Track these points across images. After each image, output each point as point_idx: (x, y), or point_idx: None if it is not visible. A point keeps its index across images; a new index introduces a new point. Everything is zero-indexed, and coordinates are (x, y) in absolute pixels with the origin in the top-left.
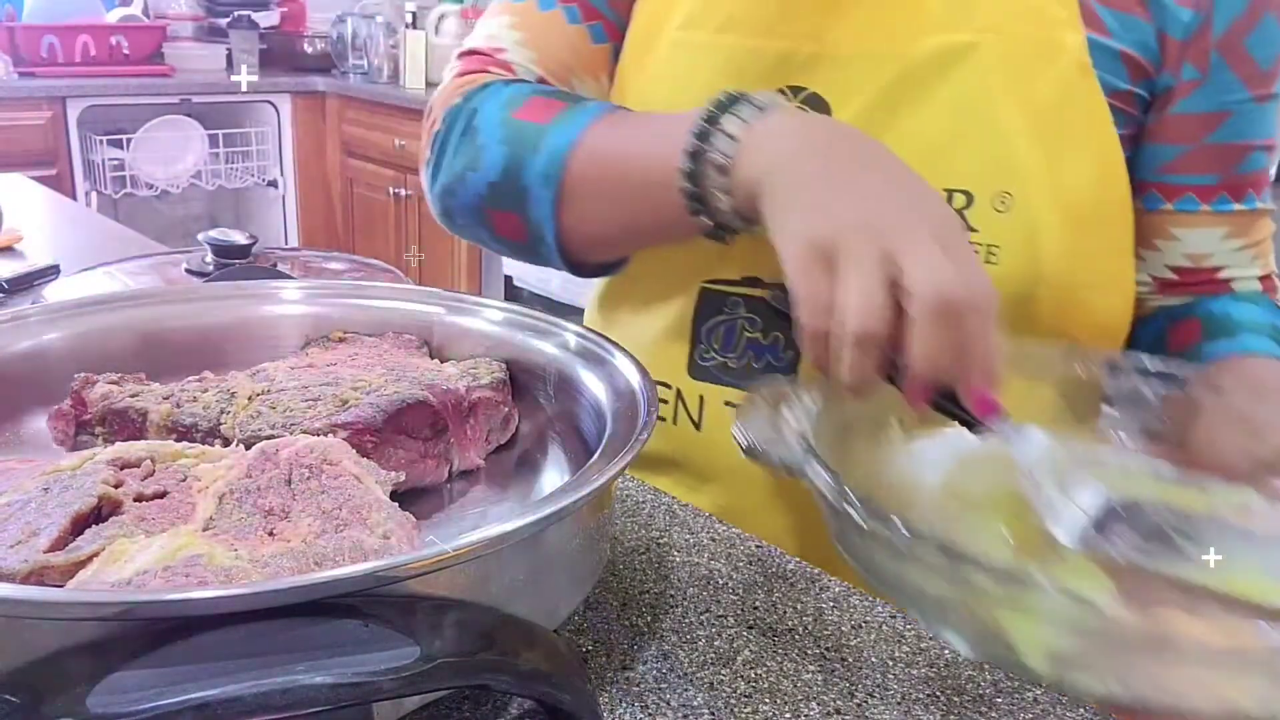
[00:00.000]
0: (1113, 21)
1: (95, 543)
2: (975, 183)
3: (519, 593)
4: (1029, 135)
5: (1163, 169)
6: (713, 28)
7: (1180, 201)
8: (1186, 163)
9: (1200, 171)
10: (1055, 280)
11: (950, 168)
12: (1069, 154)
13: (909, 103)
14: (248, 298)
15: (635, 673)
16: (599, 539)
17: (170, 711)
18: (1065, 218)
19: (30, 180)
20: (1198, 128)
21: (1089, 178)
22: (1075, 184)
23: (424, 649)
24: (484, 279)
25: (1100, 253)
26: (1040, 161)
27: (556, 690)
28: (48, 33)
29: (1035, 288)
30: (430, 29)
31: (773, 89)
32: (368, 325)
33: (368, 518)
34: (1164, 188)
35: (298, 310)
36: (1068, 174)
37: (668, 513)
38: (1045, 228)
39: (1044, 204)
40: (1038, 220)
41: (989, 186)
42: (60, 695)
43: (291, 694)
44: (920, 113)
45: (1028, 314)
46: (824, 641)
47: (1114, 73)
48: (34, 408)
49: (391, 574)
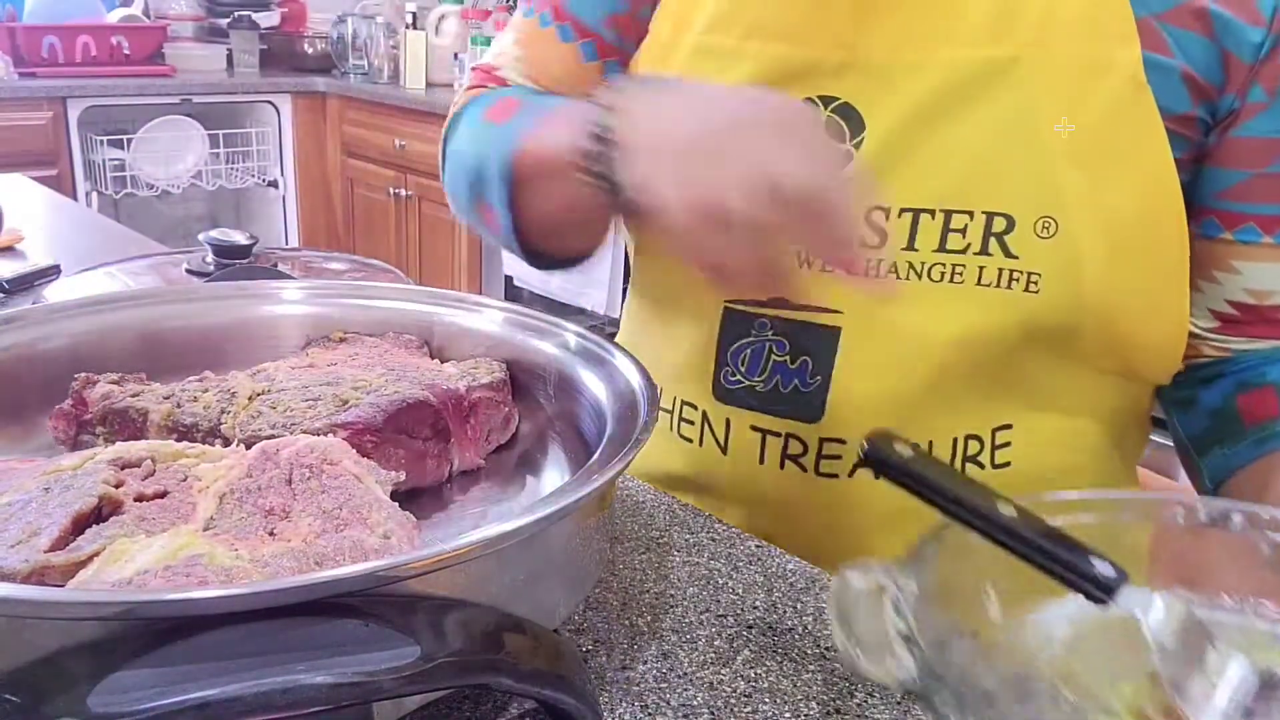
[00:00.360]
0: (1173, 39)
1: (96, 542)
2: (1017, 206)
3: (519, 593)
4: (1074, 157)
5: (1222, 195)
6: (738, 33)
7: (1240, 231)
8: (1248, 190)
9: (1263, 200)
10: (1100, 310)
11: (990, 189)
12: (1117, 178)
13: (946, 118)
14: (248, 298)
15: (635, 673)
16: (599, 539)
17: (170, 711)
18: (1112, 245)
19: (31, 180)
20: (1262, 153)
21: (1138, 203)
22: (1122, 210)
23: (424, 649)
24: (484, 279)
25: (1149, 281)
26: (1085, 186)
27: (556, 690)
28: (48, 33)
29: (1079, 317)
30: (430, 29)
31: (801, 97)
32: (368, 325)
33: (368, 518)
34: (1223, 215)
35: (298, 310)
36: (1115, 199)
37: (668, 513)
38: (1090, 256)
39: (1089, 231)
40: (1082, 248)
41: (1032, 211)
42: (60, 695)
43: (292, 694)
44: (958, 129)
45: (1070, 344)
46: (824, 641)
47: (1173, 93)
48: (34, 407)
49: (391, 574)
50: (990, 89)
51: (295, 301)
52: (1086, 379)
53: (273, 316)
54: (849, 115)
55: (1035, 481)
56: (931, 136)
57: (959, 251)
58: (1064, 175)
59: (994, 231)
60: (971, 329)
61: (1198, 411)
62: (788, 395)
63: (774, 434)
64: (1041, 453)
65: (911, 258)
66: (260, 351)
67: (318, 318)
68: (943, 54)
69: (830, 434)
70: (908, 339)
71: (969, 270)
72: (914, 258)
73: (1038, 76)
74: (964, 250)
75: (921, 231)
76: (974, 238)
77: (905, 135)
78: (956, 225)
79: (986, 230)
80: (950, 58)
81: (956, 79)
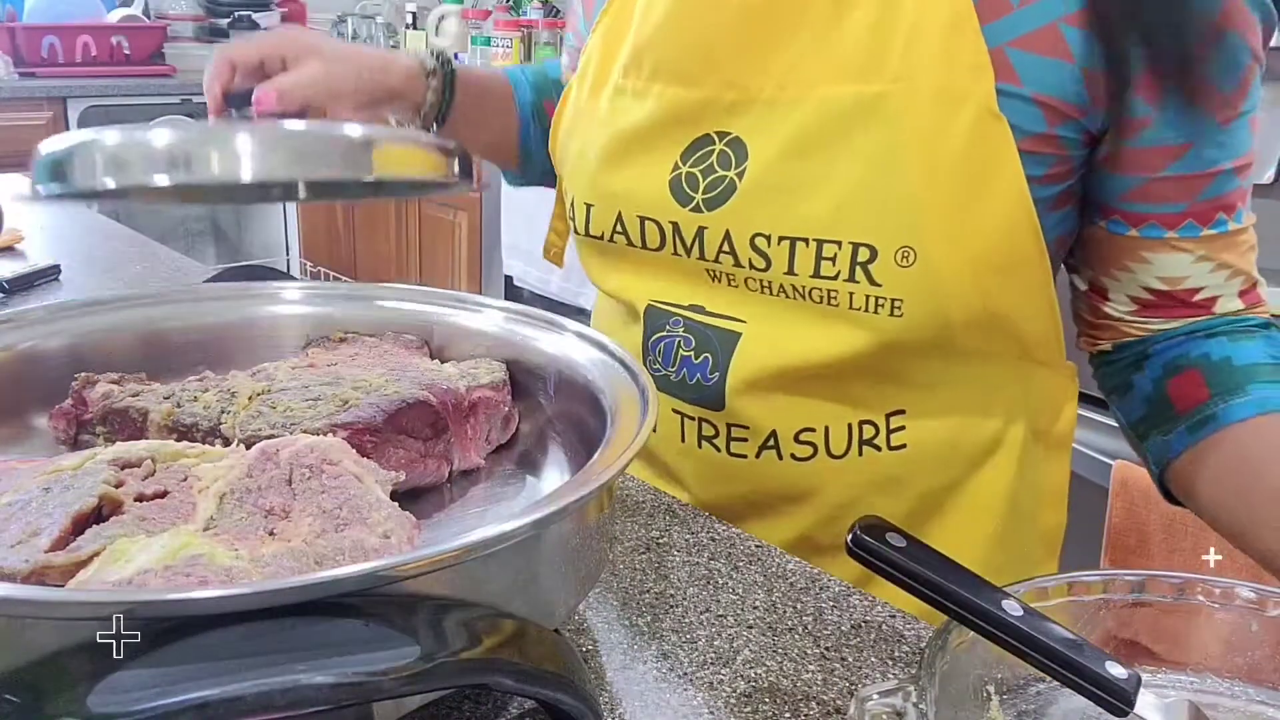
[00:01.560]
0: (1024, 67)
1: (96, 542)
2: (879, 237)
3: (519, 593)
4: (934, 189)
5: (1124, 197)
6: (645, 76)
7: (1145, 229)
8: (1147, 192)
9: (1162, 201)
10: (966, 326)
11: (856, 220)
12: (975, 205)
13: (822, 151)
14: (248, 298)
15: (635, 673)
16: (599, 539)
17: (170, 711)
18: (973, 269)
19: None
20: (1156, 160)
21: (998, 227)
22: (982, 234)
23: (424, 649)
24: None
25: (1014, 295)
26: (944, 215)
27: (557, 690)
28: (48, 33)
29: (947, 332)
30: (431, 29)
31: (699, 134)
32: (368, 325)
33: (368, 518)
34: (1127, 215)
35: (298, 310)
36: (974, 225)
37: (668, 513)
38: (951, 281)
39: (948, 258)
40: (942, 274)
41: (892, 241)
42: (60, 695)
43: (292, 694)
44: (831, 163)
45: (948, 347)
46: (824, 641)
47: (1028, 117)
48: (35, 407)
49: (391, 574)
50: (861, 124)
51: (295, 301)
52: (974, 364)
53: (273, 316)
54: (738, 149)
55: (936, 458)
56: (807, 169)
57: (831, 278)
58: (923, 206)
59: (859, 261)
60: (850, 345)
61: (1133, 399)
62: (693, 386)
63: (689, 418)
64: (939, 431)
65: (794, 281)
66: (260, 351)
67: (318, 318)
68: (820, 90)
69: (734, 420)
70: (796, 350)
71: (841, 295)
72: (795, 281)
73: (902, 111)
74: (835, 277)
75: (798, 258)
76: (842, 266)
77: (783, 166)
78: (828, 254)
79: (853, 259)
80: (825, 94)
81: (830, 114)
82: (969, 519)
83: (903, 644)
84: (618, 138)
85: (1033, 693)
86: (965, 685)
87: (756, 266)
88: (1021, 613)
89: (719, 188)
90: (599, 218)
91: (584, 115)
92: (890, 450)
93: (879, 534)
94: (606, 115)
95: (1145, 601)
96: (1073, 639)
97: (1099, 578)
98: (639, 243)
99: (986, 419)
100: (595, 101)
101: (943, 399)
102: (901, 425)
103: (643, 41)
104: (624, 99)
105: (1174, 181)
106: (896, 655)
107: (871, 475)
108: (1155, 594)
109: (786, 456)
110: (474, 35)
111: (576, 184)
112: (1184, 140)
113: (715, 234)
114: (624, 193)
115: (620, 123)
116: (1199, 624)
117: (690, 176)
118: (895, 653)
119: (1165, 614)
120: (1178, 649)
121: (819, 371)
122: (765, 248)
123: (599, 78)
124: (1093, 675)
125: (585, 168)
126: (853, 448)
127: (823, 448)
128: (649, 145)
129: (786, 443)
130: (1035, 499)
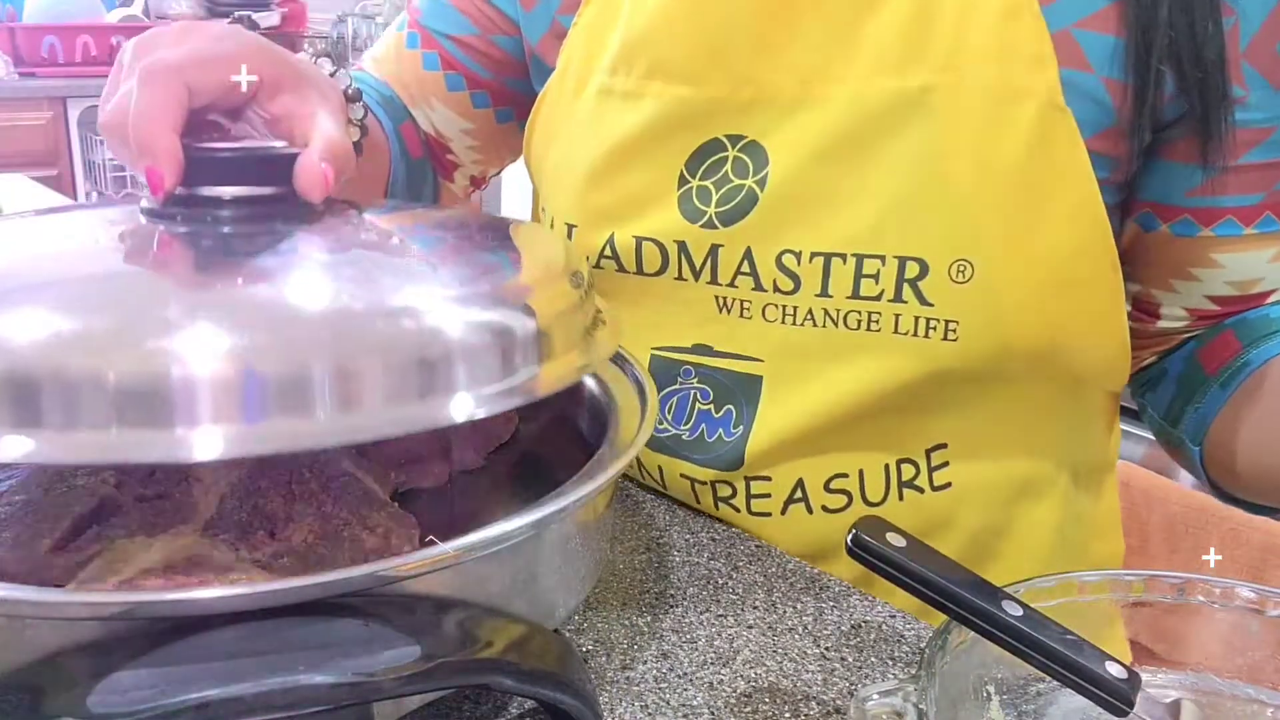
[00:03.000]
0: (1094, 50)
1: (96, 543)
2: (930, 249)
3: (519, 593)
4: (992, 193)
5: (1194, 192)
6: (639, 74)
7: (1220, 226)
8: (1222, 184)
9: (1238, 191)
10: (1028, 351)
11: (901, 232)
12: (1040, 211)
13: (856, 155)
14: None
15: (635, 673)
16: (599, 539)
17: (170, 711)
18: (1036, 286)
19: (31, 181)
20: (1238, 145)
21: (1064, 240)
22: (1047, 248)
23: (424, 649)
24: None
25: (1081, 317)
26: (1004, 223)
27: (556, 690)
28: (48, 33)
29: (1003, 361)
30: None
31: (707, 139)
32: None
33: (368, 518)
34: (1198, 212)
35: None
36: (1039, 234)
37: (668, 513)
38: (1012, 299)
39: (1009, 273)
40: (1002, 292)
41: (946, 254)
42: (60, 695)
43: (292, 694)
44: (868, 167)
45: (1000, 378)
46: (823, 640)
47: (1095, 110)
48: None
49: (391, 574)
50: (900, 123)
51: None
52: (1022, 395)
53: None
54: (756, 155)
55: (982, 499)
56: (841, 175)
57: (873, 298)
58: (979, 215)
59: (907, 277)
60: (892, 376)
61: (1165, 384)
62: (711, 444)
63: (701, 482)
64: (985, 467)
65: (827, 304)
66: None
67: None
68: (849, 86)
69: (754, 473)
70: (827, 386)
71: (885, 318)
72: (829, 304)
73: (949, 108)
74: (878, 297)
75: (834, 277)
76: (887, 284)
77: (813, 173)
78: (869, 270)
79: (899, 276)
80: (856, 91)
81: (863, 113)
82: (1018, 561)
83: (903, 644)
84: (608, 146)
85: (1033, 693)
86: (965, 685)
87: (782, 289)
88: (1021, 613)
89: (736, 198)
90: (583, 240)
91: (564, 122)
92: (934, 491)
93: (879, 534)
94: (592, 121)
95: (1145, 601)
96: (1073, 639)
97: (1100, 578)
98: (632, 267)
99: (1032, 449)
100: (578, 105)
101: (988, 430)
102: (944, 461)
103: (635, 35)
104: (613, 101)
105: (1255, 170)
106: (896, 655)
107: (914, 521)
108: (1156, 594)
109: (817, 509)
110: None
111: (556, 202)
112: (1264, 125)
113: (732, 253)
114: (617, 210)
115: (610, 129)
116: (1199, 624)
117: (702, 190)
118: (895, 653)
119: (1165, 614)
120: (1178, 649)
121: (855, 409)
122: (794, 266)
123: (582, 77)
124: (1092, 675)
125: (567, 182)
126: (891, 492)
127: (858, 495)
128: (648, 154)
129: (816, 494)
130: (1085, 530)
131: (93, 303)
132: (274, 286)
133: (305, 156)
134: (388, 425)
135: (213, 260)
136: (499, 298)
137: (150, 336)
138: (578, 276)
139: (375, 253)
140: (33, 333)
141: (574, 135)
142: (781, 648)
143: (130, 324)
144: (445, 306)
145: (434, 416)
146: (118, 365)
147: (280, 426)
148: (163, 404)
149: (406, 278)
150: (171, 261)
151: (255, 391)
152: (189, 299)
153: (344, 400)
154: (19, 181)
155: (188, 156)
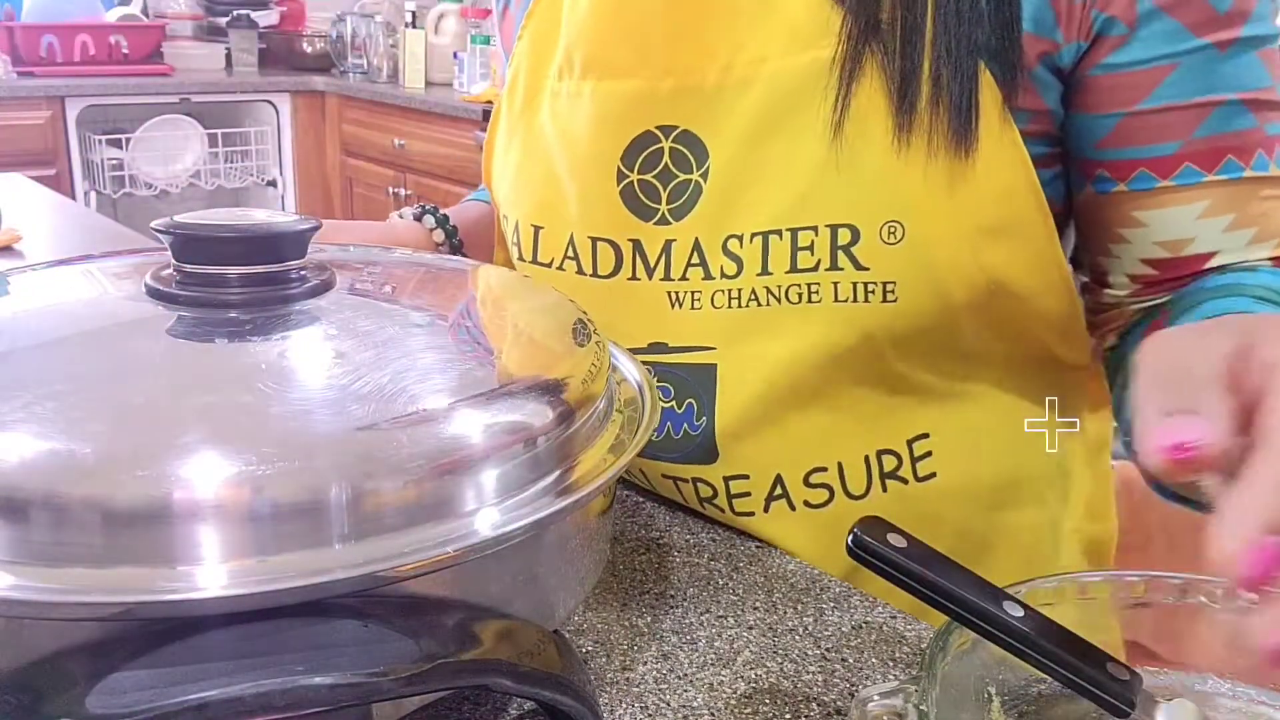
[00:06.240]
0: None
1: None
2: (858, 214)
3: (519, 593)
4: (912, 151)
5: (1102, 144)
6: (577, 75)
7: (1134, 180)
8: (1127, 133)
9: (1146, 141)
10: (968, 305)
11: (829, 200)
12: (960, 169)
13: (782, 131)
14: None
15: (635, 673)
16: (599, 539)
17: (170, 711)
18: (967, 237)
19: (29, 180)
20: (1131, 90)
21: (990, 184)
22: (972, 198)
23: (424, 649)
24: None
25: (1020, 262)
26: (927, 180)
27: (556, 691)
28: (47, 32)
29: (947, 318)
30: (430, 28)
31: (638, 131)
32: None
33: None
34: (1111, 165)
35: None
36: (963, 187)
37: (668, 513)
38: (945, 252)
39: (937, 228)
40: (934, 246)
41: (874, 217)
42: (60, 695)
43: (291, 694)
44: (795, 144)
45: (951, 340)
46: (824, 642)
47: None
48: None
49: (391, 574)
50: (819, 92)
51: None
52: (995, 366)
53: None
54: (692, 143)
55: (970, 487)
56: (770, 153)
57: (810, 270)
58: (903, 174)
59: (840, 244)
60: (839, 346)
61: (1120, 365)
62: (680, 440)
63: (683, 480)
64: (970, 455)
65: (768, 282)
66: None
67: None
68: (769, 65)
69: (731, 472)
70: (778, 366)
71: (824, 287)
72: (770, 282)
73: (860, 73)
74: (815, 268)
75: (773, 254)
76: (822, 253)
77: (748, 156)
78: (804, 243)
79: (833, 244)
80: (775, 68)
81: (784, 88)
82: (1011, 550)
83: (903, 645)
84: (560, 148)
85: (1034, 694)
86: (966, 686)
87: (728, 274)
88: (1022, 614)
89: (684, 194)
90: (549, 241)
91: (523, 133)
92: (919, 482)
93: (879, 534)
94: (544, 125)
95: (1147, 602)
96: (1074, 640)
97: (1101, 579)
98: (590, 269)
99: (1016, 438)
100: (530, 114)
101: (967, 414)
102: (927, 451)
103: (572, 38)
104: (560, 104)
105: (1159, 115)
106: (897, 656)
107: (901, 515)
108: (1157, 595)
109: (800, 505)
110: (473, 34)
111: (521, 207)
112: (1165, 61)
113: (684, 246)
114: (571, 210)
115: (561, 131)
116: (1200, 625)
117: (646, 185)
118: (896, 654)
119: (1167, 615)
120: (1179, 650)
121: (808, 382)
122: (737, 250)
123: (532, 86)
124: (1094, 677)
125: (529, 186)
126: (874, 484)
127: (839, 488)
128: (591, 153)
129: (796, 488)
130: (1076, 512)
131: (88, 420)
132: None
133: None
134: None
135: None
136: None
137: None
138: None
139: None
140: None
141: (531, 144)
142: (782, 649)
143: (126, 449)
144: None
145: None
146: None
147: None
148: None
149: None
150: (172, 368)
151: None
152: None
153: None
154: (17, 181)
155: (189, 236)
